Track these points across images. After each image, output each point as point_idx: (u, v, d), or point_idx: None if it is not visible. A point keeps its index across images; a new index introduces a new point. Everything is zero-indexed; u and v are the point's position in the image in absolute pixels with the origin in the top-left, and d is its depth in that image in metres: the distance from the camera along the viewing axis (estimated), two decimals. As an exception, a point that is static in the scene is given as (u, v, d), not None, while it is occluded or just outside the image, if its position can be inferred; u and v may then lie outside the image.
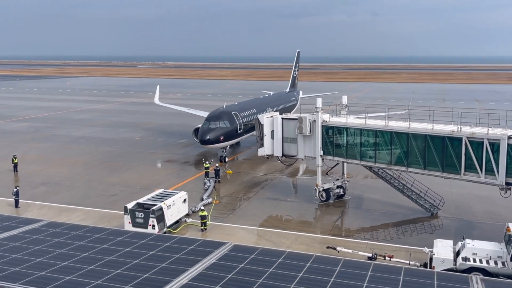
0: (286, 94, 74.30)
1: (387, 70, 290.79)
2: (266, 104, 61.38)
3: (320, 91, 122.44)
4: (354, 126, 35.54)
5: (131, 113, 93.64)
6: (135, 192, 40.70)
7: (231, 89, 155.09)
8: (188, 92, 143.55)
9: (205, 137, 47.77)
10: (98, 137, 67.43)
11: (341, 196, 38.93)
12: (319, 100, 36.86)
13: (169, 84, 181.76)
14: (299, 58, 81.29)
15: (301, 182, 44.65)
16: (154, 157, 54.59)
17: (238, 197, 39.64)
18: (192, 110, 69.40)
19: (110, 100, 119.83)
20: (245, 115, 52.68)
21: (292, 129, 38.52)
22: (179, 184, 43.37)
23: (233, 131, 49.72)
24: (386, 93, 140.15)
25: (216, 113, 51.20)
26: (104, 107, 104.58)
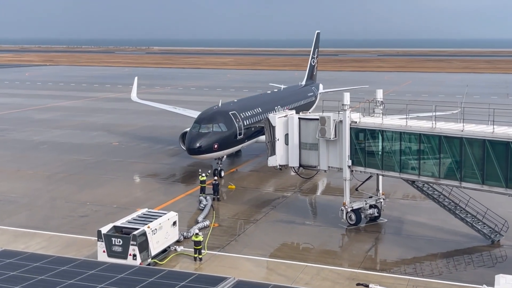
0: (302, 89, 74.15)
1: (434, 57, 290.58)
2: (274, 101, 61.04)
3: (348, 84, 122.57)
4: (392, 128, 35.41)
5: (107, 112, 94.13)
6: (112, 212, 40.79)
7: (234, 82, 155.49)
8: (179, 85, 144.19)
9: (193, 144, 46.36)
10: (64, 143, 67.80)
11: (375, 219, 38.80)
12: (346, 95, 36.79)
13: (155, 74, 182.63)
14: (318, 42, 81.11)
15: (324, 201, 44.50)
16: (136, 168, 54.73)
17: (242, 220, 39.59)
18: (180, 109, 69.05)
19: (80, 95, 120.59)
20: (247, 116, 51.90)
21: (312, 132, 38.47)
22: (167, 202, 43.39)
23: (231, 136, 48.77)
24: (432, 86, 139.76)
25: (209, 113, 50.07)
26: (73, 104, 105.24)
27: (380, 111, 38.46)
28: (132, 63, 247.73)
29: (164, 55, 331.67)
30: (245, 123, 51.00)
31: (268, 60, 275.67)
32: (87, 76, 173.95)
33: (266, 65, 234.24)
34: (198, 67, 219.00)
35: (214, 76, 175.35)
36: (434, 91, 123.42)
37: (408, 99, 55.77)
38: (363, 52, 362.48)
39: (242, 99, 61.99)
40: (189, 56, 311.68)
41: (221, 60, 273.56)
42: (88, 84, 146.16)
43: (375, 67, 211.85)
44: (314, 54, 79.82)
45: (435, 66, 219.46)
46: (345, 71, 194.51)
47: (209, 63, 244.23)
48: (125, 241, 30.56)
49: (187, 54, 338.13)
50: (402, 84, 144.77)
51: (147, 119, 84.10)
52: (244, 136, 50.50)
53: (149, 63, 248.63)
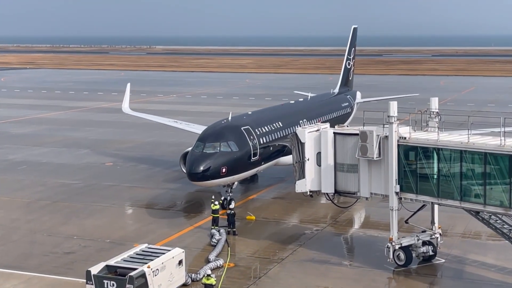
0: (334, 98, 73.90)
1: (503, 58, 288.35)
2: (299, 113, 60.58)
3: (394, 91, 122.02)
4: (450, 145, 35.13)
5: (99, 126, 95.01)
6: (104, 248, 40.83)
7: (254, 88, 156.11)
8: (186, 92, 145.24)
9: (196, 168, 45.18)
10: (47, 163, 68.40)
11: (429, 258, 38.36)
12: (393, 104, 36.65)
13: (158, 79, 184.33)
14: (355, 39, 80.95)
15: (365, 236, 44.19)
16: (133, 194, 54.93)
17: (264, 258, 39.41)
18: (182, 123, 68.92)
19: (66, 105, 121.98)
20: (265, 132, 51.33)
21: (350, 150, 38.33)
22: (171, 236, 43.39)
23: (244, 157, 47.95)
24: (501, 93, 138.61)
25: (216, 129, 49.49)
26: (58, 116, 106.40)
27: (435, 124, 38.22)
28: (130, 65, 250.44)
29: (169, 55, 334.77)
30: (262, 141, 50.10)
31: (295, 61, 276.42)
32: (76, 82, 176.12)
33: (293, 67, 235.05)
34: (210, 71, 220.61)
35: (229, 82, 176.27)
36: (503, 100, 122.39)
37: (470, 110, 55.35)
38: (414, 52, 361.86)
39: (258, 111, 61.68)
40: (199, 57, 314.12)
41: (238, 61, 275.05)
42: (77, 92, 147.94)
43: (428, 70, 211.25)
44: (350, 55, 79.59)
45: (503, 68, 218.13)
46: (391, 75, 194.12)
47: (223, 66, 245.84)
48: (120, 283, 30.53)
49: (197, 55, 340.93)
50: (462, 91, 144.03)
51: (148, 134, 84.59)
52: (260, 157, 49.52)
53: (150, 65, 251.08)
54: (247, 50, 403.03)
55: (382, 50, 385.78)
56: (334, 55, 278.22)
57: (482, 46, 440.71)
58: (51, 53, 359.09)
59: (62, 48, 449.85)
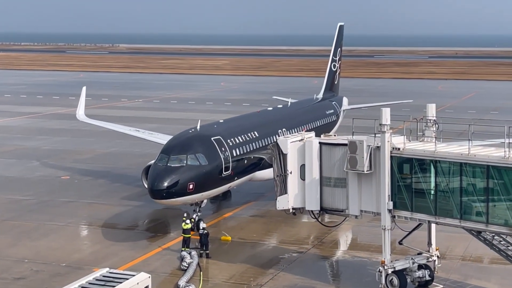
0: (318, 104, 73.99)
1: (507, 60, 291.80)
2: (278, 122, 60.48)
3: (386, 97, 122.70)
4: (449, 157, 35.37)
5: (54, 134, 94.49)
6: (59, 273, 40.52)
7: (230, 92, 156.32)
8: (154, 97, 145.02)
9: (159, 185, 44.67)
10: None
11: (426, 283, 38.43)
12: (386, 111, 36.84)
13: (122, 82, 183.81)
14: (341, 39, 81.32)
15: (354, 259, 44.28)
16: (93, 212, 54.64)
17: (241, 284, 39.28)
18: (145, 133, 68.32)
19: (17, 110, 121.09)
20: (238, 143, 51.17)
21: (338, 162, 38.46)
22: (136, 260, 43.16)
23: (214, 172, 47.54)
24: (505, 99, 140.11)
25: (182, 139, 49.14)
26: (7, 123, 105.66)
27: (432, 134, 38.49)
28: (90, 66, 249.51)
29: (134, 55, 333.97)
30: (235, 153, 49.86)
31: (276, 62, 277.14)
32: (28, 84, 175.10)
33: (274, 69, 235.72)
34: (181, 72, 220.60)
35: (203, 85, 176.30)
36: (507, 107, 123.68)
37: (471, 118, 55.87)
38: (409, 53, 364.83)
39: (230, 119, 61.66)
40: (168, 57, 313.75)
41: (212, 62, 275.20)
42: (29, 95, 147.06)
43: (425, 73, 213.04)
44: (335, 56, 79.82)
45: (507, 72, 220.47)
46: (384, 79, 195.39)
47: (196, 67, 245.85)
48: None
49: (166, 55, 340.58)
50: (462, 97, 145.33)
51: (109, 144, 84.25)
52: (233, 171, 49.24)
53: (113, 66, 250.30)
54: (222, 50, 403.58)
55: (373, 50, 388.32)
56: (319, 56, 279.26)
57: (484, 47, 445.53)
58: (0, 52, 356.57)
59: (13, 46, 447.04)
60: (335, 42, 79.84)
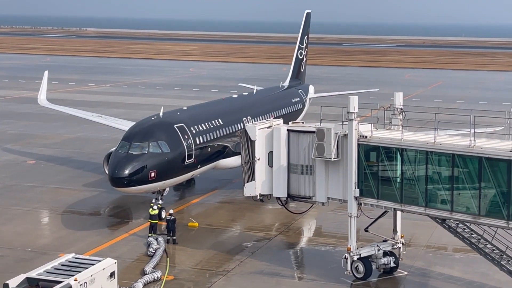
0: (284, 92, 73.76)
1: (473, 49, 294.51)
2: (242, 110, 60.37)
3: (354, 85, 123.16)
4: (415, 146, 35.61)
5: (20, 118, 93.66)
6: (24, 258, 40.31)
7: (199, 78, 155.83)
8: (122, 82, 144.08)
9: (119, 172, 44.10)
10: (-41, 160, 67.12)
11: (390, 270, 38.80)
12: (353, 99, 37.01)
13: (89, 66, 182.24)
14: (308, 26, 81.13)
15: (321, 245, 44.56)
16: (59, 197, 54.30)
17: (207, 270, 39.37)
18: (108, 119, 67.35)
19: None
20: (202, 131, 50.88)
21: (305, 149, 38.57)
22: (102, 245, 43.01)
23: (177, 160, 47.21)
24: (471, 88, 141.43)
25: (144, 126, 48.61)
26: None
27: (399, 122, 38.74)
28: (57, 49, 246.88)
29: (102, 39, 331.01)
30: (198, 140, 49.56)
31: (246, 49, 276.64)
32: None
33: (243, 56, 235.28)
34: (149, 57, 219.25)
35: (171, 70, 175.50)
36: (474, 96, 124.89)
37: (437, 107, 56.24)
38: (377, 41, 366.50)
39: (194, 106, 61.37)
40: (136, 42, 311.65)
41: (181, 48, 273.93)
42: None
43: (393, 62, 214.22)
44: (302, 43, 79.46)
45: (474, 61, 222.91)
46: (352, 67, 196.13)
47: (164, 52, 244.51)
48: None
49: (134, 39, 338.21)
50: (429, 85, 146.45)
51: (76, 129, 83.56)
52: (196, 159, 48.92)
53: (81, 50, 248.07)
54: (191, 36, 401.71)
55: (342, 38, 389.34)
56: (289, 43, 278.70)
57: (451, 37, 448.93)
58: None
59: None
60: (302, 30, 79.60)
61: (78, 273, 31.75)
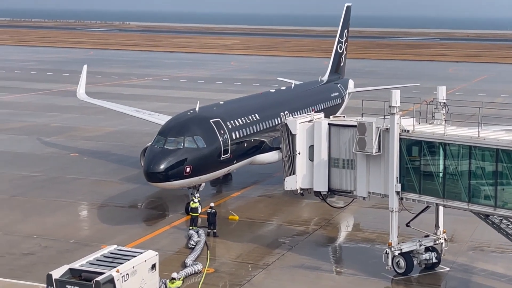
0: (322, 86, 73.17)
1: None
2: (280, 104, 59.68)
3: (395, 79, 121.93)
4: (458, 140, 35.32)
5: (64, 111, 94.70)
6: (67, 249, 40.86)
7: (240, 72, 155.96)
8: (164, 75, 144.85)
9: (154, 167, 44.00)
10: (4, 152, 68.33)
11: (432, 266, 38.61)
12: (395, 93, 36.74)
13: (132, 60, 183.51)
14: (348, 19, 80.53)
15: (361, 240, 44.44)
16: (101, 189, 54.88)
17: (248, 264, 39.52)
18: (146, 113, 67.30)
19: (27, 87, 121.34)
20: (238, 126, 50.54)
21: (346, 144, 38.49)
22: (144, 237, 43.44)
23: (213, 155, 46.90)
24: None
25: (180, 121, 48.40)
26: (17, 99, 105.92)
27: (442, 116, 38.40)
28: (101, 43, 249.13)
29: (145, 33, 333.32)
30: (235, 136, 49.22)
31: (287, 42, 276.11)
32: (38, 61, 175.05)
33: (284, 49, 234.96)
34: (191, 51, 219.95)
35: (213, 64, 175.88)
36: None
37: (481, 101, 55.55)
38: (420, 35, 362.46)
39: (231, 101, 61.22)
40: (178, 36, 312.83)
41: (223, 42, 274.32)
42: (39, 72, 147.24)
43: (436, 56, 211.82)
44: (342, 37, 78.73)
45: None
46: (394, 60, 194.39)
47: (206, 46, 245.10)
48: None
49: (176, 33, 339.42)
50: (473, 79, 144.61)
51: (118, 122, 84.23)
52: (232, 155, 48.51)
53: (123, 44, 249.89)
54: (233, 29, 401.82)
55: (384, 32, 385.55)
56: (331, 37, 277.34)
57: (496, 30, 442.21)
58: (10, 28, 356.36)
59: (23, 23, 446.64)
60: (341, 23, 78.97)
61: (120, 264, 32.08)
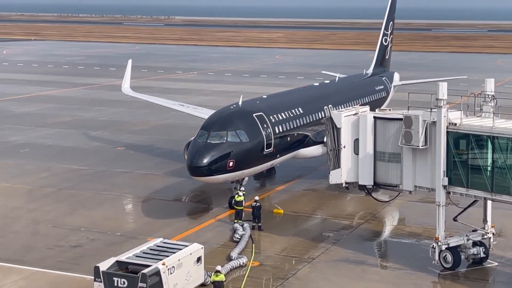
0: (367, 79, 72.41)
1: None
2: (324, 98, 59.21)
3: (441, 72, 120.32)
4: (507, 133, 34.87)
5: (111, 105, 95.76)
6: (114, 242, 41.29)
7: (284, 65, 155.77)
8: (209, 69, 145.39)
9: (198, 161, 43.97)
10: (52, 146, 69.14)
11: (480, 261, 38.16)
12: (443, 85, 36.35)
13: (177, 54, 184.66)
14: (394, 11, 79.68)
15: (407, 234, 44.10)
16: (148, 183, 55.33)
17: (292, 257, 39.50)
18: (190, 108, 67.40)
19: (74, 81, 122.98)
20: (281, 120, 50.26)
21: (392, 137, 38.24)
22: (189, 230, 43.71)
23: (256, 149, 46.76)
24: None
25: (223, 115, 48.41)
26: (65, 94, 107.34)
27: (490, 109, 37.86)
28: (146, 38, 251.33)
29: (190, 27, 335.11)
30: (278, 130, 49.02)
31: (332, 35, 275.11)
32: (85, 56, 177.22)
33: (329, 42, 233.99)
34: (235, 45, 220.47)
35: (257, 57, 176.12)
36: None
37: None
38: (468, 26, 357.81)
39: (274, 94, 61.00)
40: (223, 30, 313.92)
41: (267, 35, 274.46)
42: (86, 67, 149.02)
43: (484, 47, 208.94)
44: (387, 30, 77.88)
45: None
46: (441, 53, 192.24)
47: (251, 40, 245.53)
48: (132, 282, 30.87)
49: (221, 27, 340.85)
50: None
51: (164, 116, 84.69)
52: (275, 149, 48.34)
53: (169, 38, 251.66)
54: (277, 22, 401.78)
55: (431, 24, 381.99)
56: (376, 29, 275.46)
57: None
58: (58, 23, 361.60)
59: (71, 18, 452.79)
60: (387, 15, 78.18)
61: (166, 257, 32.42)
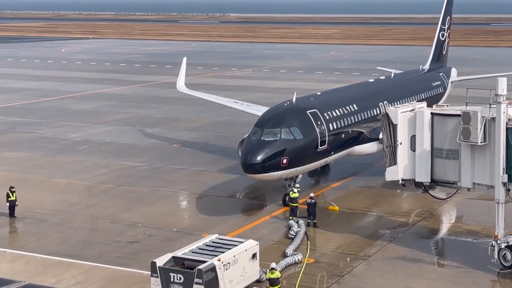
0: (423, 75, 71.41)
1: None
2: (379, 94, 58.64)
3: (501, 67, 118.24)
4: None
5: (167, 102, 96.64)
6: (170, 238, 41.75)
7: (340, 61, 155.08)
8: (263, 66, 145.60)
9: (251, 159, 44.06)
10: (110, 143, 70.08)
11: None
12: (502, 81, 35.75)
13: (232, 51, 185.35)
14: (451, 6, 78.46)
15: (465, 232, 43.57)
16: (203, 180, 55.72)
17: (348, 254, 39.41)
18: (244, 105, 67.51)
19: (131, 79, 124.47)
20: (336, 116, 50.03)
21: (450, 133, 37.86)
22: (244, 227, 43.89)
23: (310, 146, 46.66)
24: None
25: (277, 113, 48.39)
26: (122, 91, 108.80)
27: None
28: (202, 35, 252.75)
29: (245, 24, 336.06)
30: (332, 127, 48.82)
31: (388, 31, 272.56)
32: (142, 54, 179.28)
33: (385, 38, 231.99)
34: (290, 42, 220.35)
35: (312, 54, 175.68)
36: None
37: None
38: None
39: (328, 91, 60.87)
40: (278, 26, 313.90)
41: (322, 31, 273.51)
42: (143, 64, 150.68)
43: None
44: (444, 24, 76.86)
45: None
46: (501, 47, 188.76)
47: (306, 36, 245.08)
48: (188, 277, 31.13)
49: (276, 24, 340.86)
50: None
51: (219, 113, 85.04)
52: (329, 146, 48.11)
53: (224, 35, 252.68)
54: (333, 18, 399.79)
55: (490, 18, 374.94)
56: (433, 24, 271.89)
57: None
58: (115, 22, 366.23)
59: (128, 16, 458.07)
60: (444, 10, 77.16)
61: (222, 253, 32.60)
